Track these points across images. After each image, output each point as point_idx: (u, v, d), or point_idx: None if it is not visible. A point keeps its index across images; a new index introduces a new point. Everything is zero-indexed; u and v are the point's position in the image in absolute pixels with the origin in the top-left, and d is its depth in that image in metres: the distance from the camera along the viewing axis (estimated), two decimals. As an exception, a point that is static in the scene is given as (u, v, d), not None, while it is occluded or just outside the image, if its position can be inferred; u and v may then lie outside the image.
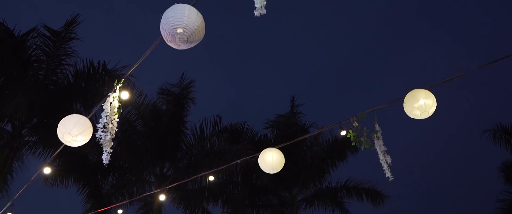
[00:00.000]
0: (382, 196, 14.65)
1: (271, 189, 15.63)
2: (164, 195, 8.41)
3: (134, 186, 13.89)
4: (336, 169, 15.11)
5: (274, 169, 4.77)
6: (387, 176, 3.93)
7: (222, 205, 14.42)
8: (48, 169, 6.97)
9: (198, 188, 13.72)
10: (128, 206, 13.51)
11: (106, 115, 3.23)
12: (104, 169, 12.49)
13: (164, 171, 13.99)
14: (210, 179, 7.99)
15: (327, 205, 15.48)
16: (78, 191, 12.89)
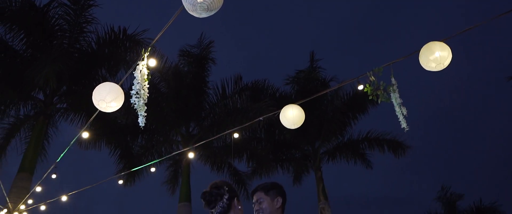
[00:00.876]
0: (404, 147, 14.82)
1: (293, 143, 16.01)
2: (192, 152, 8.83)
3: (162, 146, 14.51)
4: (357, 121, 15.28)
5: (295, 124, 5.01)
6: (403, 127, 4.12)
7: (247, 161, 14.96)
8: (86, 134, 7.42)
9: (223, 145, 14.21)
10: (158, 165, 14.18)
11: (138, 82, 3.49)
12: (133, 131, 13.07)
13: (189, 131, 14.50)
14: (235, 137, 8.33)
15: (349, 157, 15.81)
16: (110, 153, 13.59)
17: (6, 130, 12.12)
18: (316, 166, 15.37)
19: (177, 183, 15.00)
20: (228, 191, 2.14)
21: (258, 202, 2.37)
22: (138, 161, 13.87)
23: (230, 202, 2.12)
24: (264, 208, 2.33)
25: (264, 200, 2.36)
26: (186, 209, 12.86)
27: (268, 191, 2.41)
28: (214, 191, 2.13)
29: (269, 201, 2.35)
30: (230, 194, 2.15)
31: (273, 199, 2.37)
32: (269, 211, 2.33)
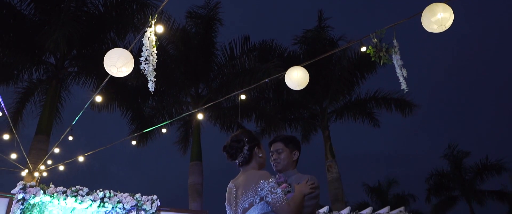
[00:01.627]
0: (411, 105, 14.89)
1: (302, 103, 16.17)
2: (202, 113, 9.06)
3: (173, 107, 14.79)
4: (365, 81, 15.29)
5: (299, 85, 5.16)
6: (403, 88, 4.24)
7: (255, 121, 15.21)
8: (99, 97, 7.66)
9: (232, 106, 14.44)
10: (169, 125, 14.53)
11: (146, 49, 3.63)
12: (144, 93, 13.32)
13: (199, 92, 14.72)
14: (242, 98, 8.50)
15: (357, 116, 15.97)
16: (122, 115, 13.94)
17: (21, 94, 12.46)
18: (324, 125, 15.59)
19: (188, 143, 15.42)
20: (248, 141, 2.21)
21: (278, 152, 2.47)
22: (150, 122, 14.22)
23: (251, 152, 2.20)
24: (283, 158, 2.44)
25: (283, 151, 2.47)
26: (197, 168, 13.30)
27: (288, 143, 2.51)
28: (234, 144, 2.22)
29: (287, 153, 2.46)
30: (250, 145, 2.22)
31: (291, 151, 2.49)
32: (286, 162, 2.44)
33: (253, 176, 2.08)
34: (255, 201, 2.01)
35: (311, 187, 2.21)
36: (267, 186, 2.00)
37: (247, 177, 2.10)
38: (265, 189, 2.00)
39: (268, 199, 1.98)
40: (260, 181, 2.02)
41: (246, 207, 2.02)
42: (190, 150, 14.42)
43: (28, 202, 5.48)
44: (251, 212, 2.01)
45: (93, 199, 5.91)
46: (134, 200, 6.27)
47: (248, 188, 2.04)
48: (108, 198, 6.06)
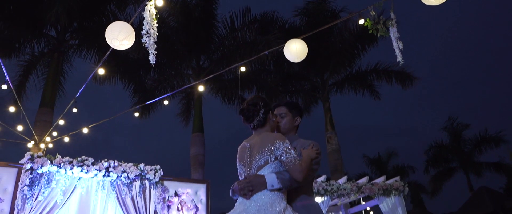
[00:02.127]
0: (412, 78, 14.93)
1: (302, 75, 16.23)
2: (203, 86, 9.16)
3: (174, 79, 14.86)
4: (366, 53, 15.29)
5: (298, 58, 5.23)
6: (398, 61, 4.32)
7: (256, 92, 15.32)
8: (102, 70, 7.75)
9: (233, 78, 14.51)
10: (171, 98, 14.67)
11: (147, 23, 3.70)
12: (145, 66, 13.37)
13: (200, 64, 14.76)
14: (242, 70, 8.57)
15: (357, 88, 16.05)
16: (125, 87, 14.06)
17: (23, 67, 12.54)
18: (324, 97, 15.71)
19: (189, 115, 15.60)
20: (263, 105, 2.34)
21: (281, 116, 2.57)
22: (152, 95, 14.34)
23: (265, 116, 2.34)
24: (285, 122, 2.55)
25: (286, 116, 2.58)
26: (199, 139, 13.52)
27: (292, 109, 2.62)
28: (251, 108, 2.34)
29: (290, 118, 2.58)
30: (265, 109, 2.35)
31: (294, 117, 2.60)
32: (288, 127, 2.56)
33: (269, 137, 2.22)
34: (271, 159, 2.14)
35: (317, 152, 2.34)
36: (283, 146, 2.14)
37: (263, 138, 2.23)
38: (280, 148, 2.14)
39: (283, 158, 2.11)
40: (277, 141, 2.16)
41: (262, 164, 2.15)
42: (192, 121, 14.61)
43: (36, 171, 5.68)
44: (265, 169, 2.13)
45: (99, 169, 6.10)
46: (138, 169, 6.46)
47: (264, 147, 2.16)
48: (113, 168, 6.25)
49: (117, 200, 6.28)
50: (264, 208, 2.00)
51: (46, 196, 5.68)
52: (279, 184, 2.09)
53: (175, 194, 6.93)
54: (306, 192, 2.33)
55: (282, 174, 2.12)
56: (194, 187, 7.24)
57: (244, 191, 2.12)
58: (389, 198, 7.35)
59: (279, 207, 2.01)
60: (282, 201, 2.08)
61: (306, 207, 2.26)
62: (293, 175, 2.10)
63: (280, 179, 2.10)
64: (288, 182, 2.12)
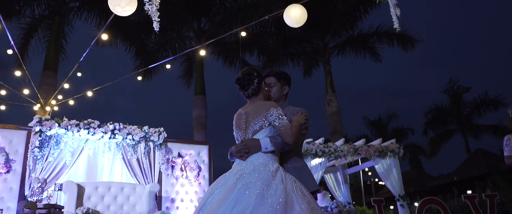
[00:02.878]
0: (413, 40, 14.88)
1: (304, 37, 16.17)
2: (204, 50, 9.24)
3: (175, 42, 14.87)
4: (368, 15, 15.16)
5: (297, 23, 5.30)
6: (395, 27, 4.40)
7: (257, 55, 15.37)
8: (105, 36, 7.81)
9: (234, 40, 14.50)
10: (173, 61, 14.73)
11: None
12: (147, 28, 13.35)
13: (201, 26, 14.72)
14: (243, 35, 8.61)
15: (359, 50, 16.03)
16: (126, 50, 14.11)
17: (25, 30, 12.53)
18: (326, 59, 15.74)
19: (191, 78, 15.73)
20: (257, 76, 2.53)
21: (270, 85, 2.75)
22: (153, 57, 14.40)
23: (259, 85, 2.54)
24: (274, 91, 2.74)
25: (275, 85, 2.75)
26: (201, 102, 13.72)
27: (280, 79, 2.78)
28: (246, 77, 2.51)
29: (279, 87, 2.75)
30: (259, 79, 2.53)
31: (282, 86, 2.77)
32: (277, 96, 2.75)
33: (264, 104, 2.44)
34: (265, 124, 2.36)
35: (306, 118, 2.54)
36: (276, 112, 2.35)
37: (257, 106, 2.44)
38: (274, 115, 2.35)
39: (276, 123, 2.33)
40: (271, 108, 2.38)
41: (257, 129, 2.37)
42: (194, 84, 14.76)
43: (45, 134, 5.91)
44: (260, 133, 2.36)
45: (105, 131, 6.33)
46: (142, 132, 6.69)
47: (259, 114, 2.38)
48: (118, 130, 6.47)
49: (123, 161, 6.55)
50: (258, 167, 2.21)
51: (56, 157, 5.95)
52: (272, 147, 2.30)
53: (179, 155, 7.20)
54: (297, 155, 2.55)
55: (275, 138, 2.33)
56: (196, 148, 7.50)
57: (241, 153, 2.34)
58: (384, 160, 7.63)
59: (272, 167, 2.22)
60: (275, 162, 2.30)
61: (296, 168, 2.49)
62: (285, 138, 2.32)
63: (273, 142, 2.30)
64: (280, 145, 2.33)
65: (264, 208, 1.96)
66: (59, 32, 11.77)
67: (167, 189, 6.90)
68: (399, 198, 7.68)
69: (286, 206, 2.01)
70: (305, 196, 2.15)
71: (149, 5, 3.75)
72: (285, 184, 2.14)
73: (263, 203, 1.99)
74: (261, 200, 2.01)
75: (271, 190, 2.07)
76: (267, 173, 2.17)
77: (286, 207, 2.00)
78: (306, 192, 2.22)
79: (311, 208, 2.08)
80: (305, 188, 2.26)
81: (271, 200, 2.01)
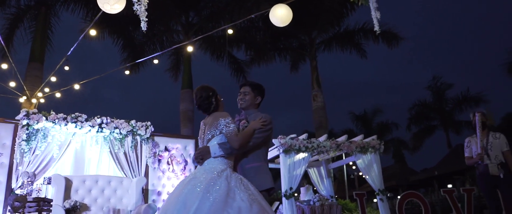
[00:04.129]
0: (398, 38, 15.18)
1: (291, 33, 16.31)
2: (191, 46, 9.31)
3: (163, 35, 14.89)
4: (354, 12, 15.40)
5: (283, 22, 5.46)
6: (375, 29, 4.59)
7: (245, 50, 15.48)
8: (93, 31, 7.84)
9: (222, 35, 14.56)
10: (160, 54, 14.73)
11: (138, -11, 3.85)
12: (134, 21, 13.31)
13: (189, 20, 14.76)
14: (229, 32, 8.73)
15: (345, 46, 16.27)
16: (113, 42, 14.07)
17: (10, 20, 12.40)
18: (312, 55, 15.94)
19: (179, 71, 15.78)
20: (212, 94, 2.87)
21: (244, 94, 3.06)
22: (141, 50, 14.40)
23: (216, 100, 2.89)
24: (247, 99, 3.04)
25: (249, 94, 3.06)
26: (189, 95, 13.80)
27: (254, 89, 3.08)
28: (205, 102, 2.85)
29: (252, 96, 3.06)
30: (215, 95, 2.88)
31: (255, 96, 3.07)
32: (249, 103, 3.05)
33: (216, 116, 2.80)
34: (216, 133, 2.74)
35: (263, 123, 2.83)
36: (224, 122, 2.73)
37: (212, 117, 2.82)
38: (222, 124, 2.73)
39: (224, 131, 2.71)
40: (220, 119, 2.75)
41: (209, 138, 2.76)
42: (181, 77, 14.82)
43: (32, 127, 5.96)
44: (212, 141, 2.74)
45: (92, 125, 6.40)
46: (130, 126, 6.78)
47: (212, 125, 2.76)
48: (106, 124, 6.55)
49: (111, 154, 6.64)
50: (208, 170, 2.61)
51: (43, 150, 6.01)
52: (221, 152, 2.65)
53: (165, 149, 7.32)
54: (257, 156, 2.86)
55: (224, 144, 2.68)
56: (183, 142, 7.62)
57: (197, 159, 2.73)
58: (365, 155, 7.87)
59: (218, 169, 2.60)
60: (224, 164, 2.66)
61: (253, 168, 2.82)
62: (231, 144, 2.68)
63: (222, 148, 2.65)
64: (229, 150, 2.68)
65: (208, 201, 2.33)
66: (45, 23, 11.69)
67: (153, 182, 7.02)
68: (378, 192, 7.94)
69: (227, 197, 2.37)
70: (249, 190, 2.50)
71: (138, 5, 3.85)
72: (228, 181, 2.50)
73: (208, 196, 2.37)
74: (207, 194, 2.38)
75: (216, 186, 2.44)
76: (214, 174, 2.55)
77: (227, 199, 2.37)
78: (252, 187, 2.56)
79: (252, 199, 2.41)
80: (253, 185, 2.60)
81: (215, 194, 2.38)
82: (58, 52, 11.96)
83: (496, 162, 4.88)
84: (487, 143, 5.03)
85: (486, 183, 4.95)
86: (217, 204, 2.31)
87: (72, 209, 5.51)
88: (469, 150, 5.24)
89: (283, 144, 7.18)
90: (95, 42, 13.82)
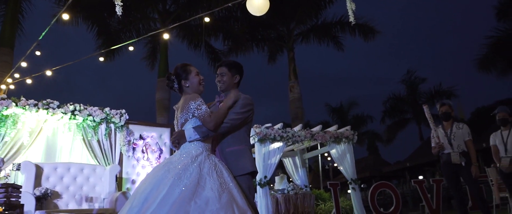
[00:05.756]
0: (374, 31, 15.39)
1: (269, 24, 16.33)
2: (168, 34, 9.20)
3: (140, 22, 14.63)
4: (332, 5, 15.52)
5: (260, 11, 5.46)
6: (350, 20, 4.66)
7: (223, 40, 15.41)
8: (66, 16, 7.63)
9: (199, 24, 14.40)
10: (137, 42, 14.47)
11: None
12: (109, 7, 13.01)
13: (166, 8, 14.54)
14: (206, 20, 8.67)
15: (322, 39, 16.40)
16: (88, 29, 13.74)
17: (-23, 2, 11.93)
18: (290, 46, 16.01)
19: (155, 59, 15.57)
20: (175, 77, 2.81)
21: (221, 75, 2.95)
22: (117, 37, 14.12)
23: (179, 85, 2.81)
24: (224, 80, 2.93)
25: (226, 75, 2.94)
26: (165, 84, 13.66)
27: (231, 68, 2.96)
28: (167, 81, 2.83)
29: (229, 76, 2.94)
30: (178, 79, 2.80)
31: (233, 75, 2.95)
32: (227, 84, 2.95)
33: (185, 99, 2.72)
34: (189, 117, 2.67)
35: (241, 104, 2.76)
36: (194, 104, 2.64)
37: (183, 101, 2.75)
38: (192, 107, 2.64)
39: (196, 114, 2.64)
40: (190, 102, 2.66)
41: (183, 122, 2.69)
42: (158, 66, 14.63)
43: (1, 113, 5.79)
44: (186, 125, 2.67)
45: (64, 112, 6.26)
46: (104, 113, 6.68)
47: (183, 109, 2.69)
48: (79, 111, 6.43)
49: (84, 142, 6.54)
50: (184, 154, 2.57)
51: (13, 137, 5.86)
52: (196, 135, 2.59)
53: (140, 137, 7.25)
54: (237, 139, 2.80)
55: (200, 127, 2.62)
56: (158, 130, 7.57)
57: (174, 144, 2.67)
58: (339, 145, 8.02)
59: (194, 153, 2.55)
60: (199, 148, 2.61)
61: (234, 152, 2.76)
62: (206, 125, 2.62)
63: (197, 131, 2.59)
64: (205, 133, 2.62)
65: (178, 187, 2.30)
66: (15, 7, 11.28)
67: (128, 171, 6.96)
68: (351, 182, 8.12)
69: (197, 186, 2.34)
70: (221, 178, 2.46)
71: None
72: (201, 168, 2.47)
73: (179, 183, 2.33)
74: (178, 180, 2.35)
75: (188, 173, 2.40)
76: (188, 158, 2.50)
77: (197, 187, 2.34)
78: (226, 174, 2.52)
79: (223, 188, 2.38)
80: (228, 171, 2.57)
81: (186, 181, 2.35)
82: (30, 38, 11.58)
83: (458, 151, 5.06)
84: (451, 133, 5.21)
85: (449, 171, 5.13)
86: (185, 193, 2.28)
87: (42, 196, 5.42)
88: (434, 141, 5.43)
89: (258, 133, 7.23)
90: (69, 28, 13.50)
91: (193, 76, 2.81)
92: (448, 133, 5.24)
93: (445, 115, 5.36)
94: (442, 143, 5.21)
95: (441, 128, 5.39)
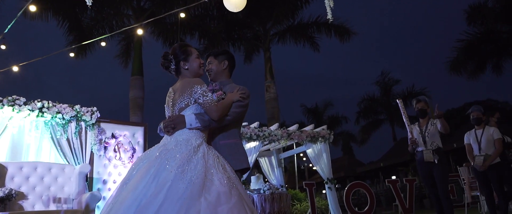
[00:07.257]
0: (350, 32, 15.55)
1: (246, 23, 16.28)
2: (142, 29, 8.98)
3: (113, 19, 14.28)
4: (309, 5, 15.58)
5: (236, 8, 5.36)
6: (328, 18, 4.63)
7: (198, 38, 15.22)
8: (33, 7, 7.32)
9: (175, 21, 14.20)
10: (110, 39, 14.14)
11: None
12: (81, 3, 12.66)
13: (141, 4, 14.25)
14: (182, 16, 8.51)
15: (298, 39, 16.45)
16: (58, 25, 13.28)
17: None
18: (266, 46, 15.99)
19: (129, 57, 15.23)
20: (173, 57, 2.59)
21: (209, 64, 2.90)
22: (89, 34, 13.72)
23: (177, 66, 2.59)
24: (212, 68, 2.86)
25: (212, 63, 2.88)
26: (139, 82, 13.37)
27: (217, 56, 2.91)
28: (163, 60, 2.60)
29: (216, 63, 2.87)
30: (175, 60, 2.59)
31: (220, 62, 2.88)
32: (216, 71, 2.87)
33: (189, 82, 2.48)
34: (191, 102, 2.42)
35: (241, 95, 2.63)
36: (200, 90, 2.41)
37: (183, 83, 2.50)
38: (198, 92, 2.41)
39: (200, 100, 2.40)
40: (195, 86, 2.43)
41: (182, 106, 2.43)
42: (131, 64, 14.31)
43: (-38, 109, 5.48)
44: (186, 110, 2.42)
45: (31, 109, 5.98)
46: (74, 111, 6.41)
47: (184, 92, 2.44)
48: (47, 108, 6.14)
49: (52, 141, 6.26)
50: (181, 143, 2.28)
51: (-25, 135, 5.55)
52: (198, 123, 2.37)
53: (112, 136, 7.02)
54: (232, 132, 2.65)
55: (202, 115, 2.41)
56: (131, 129, 7.34)
57: (168, 128, 2.40)
58: (315, 145, 8.01)
59: (194, 143, 2.29)
60: (199, 138, 2.36)
61: (227, 145, 2.59)
62: (210, 115, 2.40)
63: (199, 119, 2.38)
64: (207, 122, 2.41)
65: (182, 182, 2.03)
66: (-19, 0, 10.81)
67: (99, 170, 6.72)
68: (327, 181, 8.12)
69: (205, 179, 2.09)
70: (227, 172, 2.24)
71: (83, -21, 3.61)
72: (206, 159, 2.21)
73: (183, 177, 2.05)
74: (181, 174, 2.07)
75: (192, 164, 2.14)
76: (189, 149, 2.23)
77: (205, 181, 2.08)
78: (229, 168, 2.32)
79: (231, 183, 2.17)
80: (229, 165, 2.37)
81: (191, 174, 2.08)
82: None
83: (431, 148, 5.07)
84: (426, 130, 5.24)
85: (423, 169, 5.16)
86: (194, 187, 2.00)
87: (6, 197, 5.14)
88: (409, 141, 5.46)
89: (235, 132, 7.11)
90: (39, 23, 13.02)
91: (194, 59, 2.60)
92: (423, 130, 5.27)
93: (421, 112, 5.40)
94: (416, 139, 5.24)
95: (417, 125, 5.43)
